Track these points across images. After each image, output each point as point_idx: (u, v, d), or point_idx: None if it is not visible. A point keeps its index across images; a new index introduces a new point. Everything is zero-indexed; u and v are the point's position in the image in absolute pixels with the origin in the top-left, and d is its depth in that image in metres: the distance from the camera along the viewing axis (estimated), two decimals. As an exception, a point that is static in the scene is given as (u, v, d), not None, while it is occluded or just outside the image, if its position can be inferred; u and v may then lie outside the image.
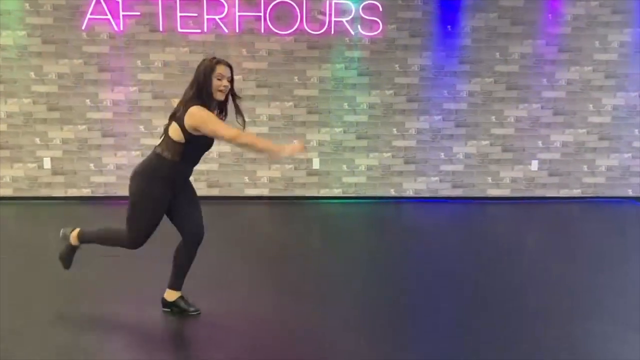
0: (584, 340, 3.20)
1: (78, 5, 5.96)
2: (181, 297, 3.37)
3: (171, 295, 3.36)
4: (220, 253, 4.56)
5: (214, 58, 3.05)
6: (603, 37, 6.36)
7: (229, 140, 2.94)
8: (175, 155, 3.01)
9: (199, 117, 2.90)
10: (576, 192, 6.68)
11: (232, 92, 3.07)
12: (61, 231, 3.49)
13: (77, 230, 3.39)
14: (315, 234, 5.53)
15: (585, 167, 6.63)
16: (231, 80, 3.06)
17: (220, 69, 2.98)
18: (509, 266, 4.55)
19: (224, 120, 3.10)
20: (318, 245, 5.18)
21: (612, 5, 6.29)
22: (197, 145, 3.03)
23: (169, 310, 3.41)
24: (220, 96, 3.00)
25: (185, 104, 2.98)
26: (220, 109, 3.10)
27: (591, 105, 6.50)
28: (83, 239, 3.37)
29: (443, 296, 3.89)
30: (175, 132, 3.00)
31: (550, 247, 5.12)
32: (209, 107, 2.97)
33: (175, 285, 3.35)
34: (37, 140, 6.19)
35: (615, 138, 6.58)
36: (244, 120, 3.11)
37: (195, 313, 3.30)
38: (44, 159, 6.22)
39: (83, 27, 5.99)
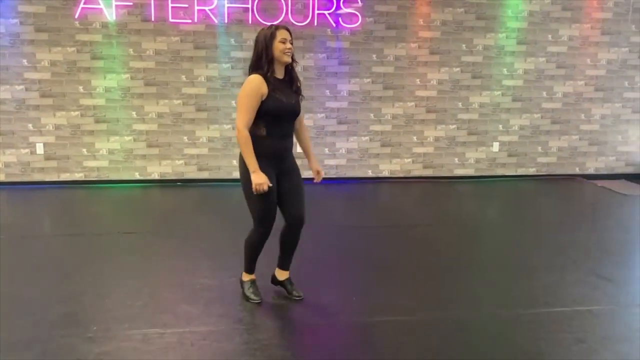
0: (558, 288, 3.86)
1: (70, -5, 6.14)
2: (288, 280, 3.58)
3: (280, 274, 3.59)
4: (222, 230, 4.98)
5: (272, 25, 3.20)
6: (555, 31, 7.10)
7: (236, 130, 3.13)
8: (259, 129, 3.13)
9: (242, 89, 3.08)
10: (532, 171, 7.44)
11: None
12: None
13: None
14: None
15: (539, 148, 7.39)
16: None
17: (282, 34, 3.11)
18: (477, 233, 5.24)
19: (298, 93, 3.26)
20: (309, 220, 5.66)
21: (562, 2, 7.03)
22: (267, 112, 3.10)
23: (277, 286, 3.66)
24: (287, 58, 3.11)
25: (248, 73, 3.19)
26: (290, 77, 3.22)
27: (545, 93, 7.25)
28: (247, 270, 3.54)
29: (423, 257, 4.50)
30: None
31: (511, 218, 5.84)
32: (270, 73, 3.10)
33: (283, 265, 3.57)
34: (30, 126, 6.33)
35: (565, 122, 7.36)
36: (300, 84, 3.29)
37: (298, 298, 3.52)
38: (37, 144, 6.37)
39: (76, 16, 6.16)
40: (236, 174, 6.68)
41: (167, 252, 4.41)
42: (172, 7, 6.30)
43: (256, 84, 3.09)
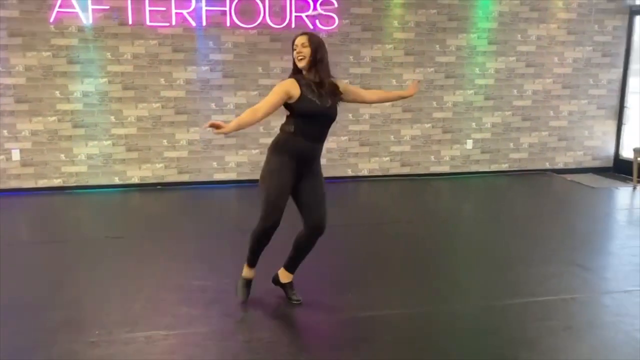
0: (541, 278, 4.04)
1: (45, -2, 6.07)
2: (290, 283, 3.58)
3: (284, 276, 3.58)
4: (209, 232, 5.04)
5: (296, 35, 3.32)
6: (523, 31, 7.34)
7: None
8: (290, 126, 3.25)
9: (274, 87, 3.22)
10: (504, 167, 7.68)
11: (313, 58, 3.23)
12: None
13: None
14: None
15: (511, 145, 7.63)
16: (313, 47, 3.23)
17: (295, 41, 3.27)
18: (457, 228, 5.42)
19: (330, 91, 3.29)
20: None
21: (530, 3, 7.28)
22: (301, 115, 3.21)
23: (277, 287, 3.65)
24: (299, 63, 3.24)
25: None
26: (321, 80, 3.26)
27: (515, 91, 7.48)
28: (248, 261, 3.51)
29: (408, 254, 4.62)
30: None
31: (489, 212, 6.04)
32: (301, 78, 3.23)
33: (289, 268, 3.56)
34: (5, 132, 6.22)
35: (534, 119, 7.62)
36: (336, 86, 3.33)
37: (297, 302, 3.52)
38: (13, 151, 6.26)
39: (51, 20, 6.09)
40: (217, 176, 6.80)
41: (157, 255, 4.42)
42: (149, 10, 6.28)
43: (285, 84, 3.22)
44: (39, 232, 5.27)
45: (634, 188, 6.90)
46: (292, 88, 3.20)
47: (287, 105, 3.24)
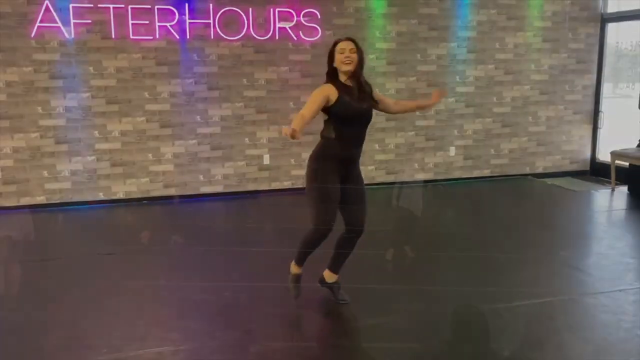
0: (540, 280, 4.11)
1: (25, 13, 5.95)
2: (336, 283, 3.63)
3: (329, 276, 3.63)
4: (201, 245, 5.01)
5: (337, 40, 3.38)
6: (501, 39, 7.51)
7: None
8: (330, 132, 3.33)
9: (313, 93, 3.29)
10: (486, 172, 7.80)
11: (360, 64, 3.35)
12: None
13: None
14: (271, 222, 6.02)
15: (492, 151, 7.77)
16: (360, 54, 3.33)
17: (341, 45, 3.32)
18: (447, 234, 5.47)
19: (369, 98, 3.39)
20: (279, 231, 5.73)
21: (507, 12, 7.46)
22: (339, 118, 3.29)
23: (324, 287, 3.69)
24: (345, 67, 3.30)
25: None
26: (359, 84, 3.35)
27: (495, 98, 7.64)
28: (297, 261, 3.53)
29: (404, 260, 4.66)
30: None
31: (476, 218, 6.12)
32: (338, 82, 3.31)
33: (333, 268, 3.62)
34: (-14, 150, 6.08)
35: (514, 125, 7.78)
36: (371, 89, 3.44)
37: (343, 302, 3.58)
38: (-6, 169, 6.13)
39: (32, 35, 5.99)
40: (204, 189, 6.74)
41: (153, 271, 4.37)
42: (132, 24, 6.23)
43: (323, 89, 3.31)
44: (27, 250, 5.12)
45: (612, 190, 7.09)
46: (330, 92, 3.28)
47: (325, 109, 3.30)
